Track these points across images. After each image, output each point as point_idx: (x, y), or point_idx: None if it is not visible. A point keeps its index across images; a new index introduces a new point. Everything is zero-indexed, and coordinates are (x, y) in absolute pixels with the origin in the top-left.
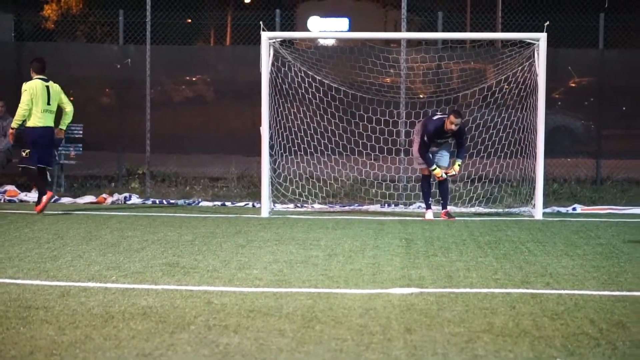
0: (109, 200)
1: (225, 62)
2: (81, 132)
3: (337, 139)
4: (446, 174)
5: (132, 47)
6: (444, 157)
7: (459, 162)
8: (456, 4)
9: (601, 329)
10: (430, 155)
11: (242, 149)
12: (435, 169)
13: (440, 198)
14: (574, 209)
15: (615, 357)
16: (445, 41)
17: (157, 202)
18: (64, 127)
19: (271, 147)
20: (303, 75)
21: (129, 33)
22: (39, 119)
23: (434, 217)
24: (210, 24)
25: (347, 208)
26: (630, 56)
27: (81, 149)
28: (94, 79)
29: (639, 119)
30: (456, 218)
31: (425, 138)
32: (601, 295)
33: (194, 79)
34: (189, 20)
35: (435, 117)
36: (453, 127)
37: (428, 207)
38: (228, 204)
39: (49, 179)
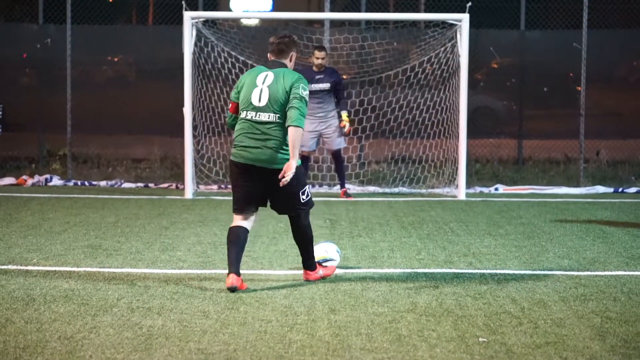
0: (30, 182)
1: (148, 42)
2: (1, 113)
3: None
4: (344, 134)
5: (52, 26)
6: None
7: (344, 114)
8: None
9: (523, 307)
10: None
11: (165, 129)
12: None
13: (338, 179)
14: (497, 189)
15: (536, 336)
16: (368, 22)
17: (79, 183)
18: None
19: (194, 128)
20: (226, 55)
21: (48, 12)
22: None
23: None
24: (132, 3)
25: None
26: (552, 37)
27: (0, 130)
28: (13, 59)
29: (560, 99)
30: (354, 198)
31: None
32: (523, 275)
33: (115, 59)
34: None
35: None
36: (320, 61)
37: None
38: (151, 185)
39: None
